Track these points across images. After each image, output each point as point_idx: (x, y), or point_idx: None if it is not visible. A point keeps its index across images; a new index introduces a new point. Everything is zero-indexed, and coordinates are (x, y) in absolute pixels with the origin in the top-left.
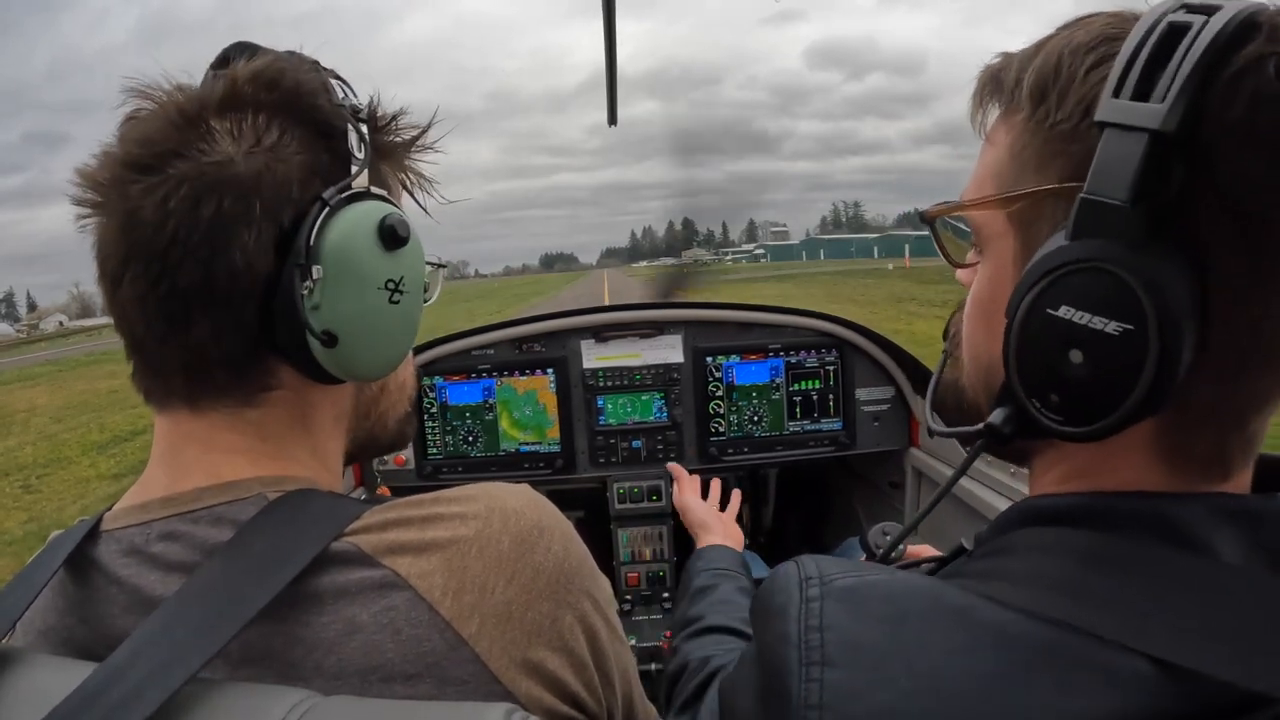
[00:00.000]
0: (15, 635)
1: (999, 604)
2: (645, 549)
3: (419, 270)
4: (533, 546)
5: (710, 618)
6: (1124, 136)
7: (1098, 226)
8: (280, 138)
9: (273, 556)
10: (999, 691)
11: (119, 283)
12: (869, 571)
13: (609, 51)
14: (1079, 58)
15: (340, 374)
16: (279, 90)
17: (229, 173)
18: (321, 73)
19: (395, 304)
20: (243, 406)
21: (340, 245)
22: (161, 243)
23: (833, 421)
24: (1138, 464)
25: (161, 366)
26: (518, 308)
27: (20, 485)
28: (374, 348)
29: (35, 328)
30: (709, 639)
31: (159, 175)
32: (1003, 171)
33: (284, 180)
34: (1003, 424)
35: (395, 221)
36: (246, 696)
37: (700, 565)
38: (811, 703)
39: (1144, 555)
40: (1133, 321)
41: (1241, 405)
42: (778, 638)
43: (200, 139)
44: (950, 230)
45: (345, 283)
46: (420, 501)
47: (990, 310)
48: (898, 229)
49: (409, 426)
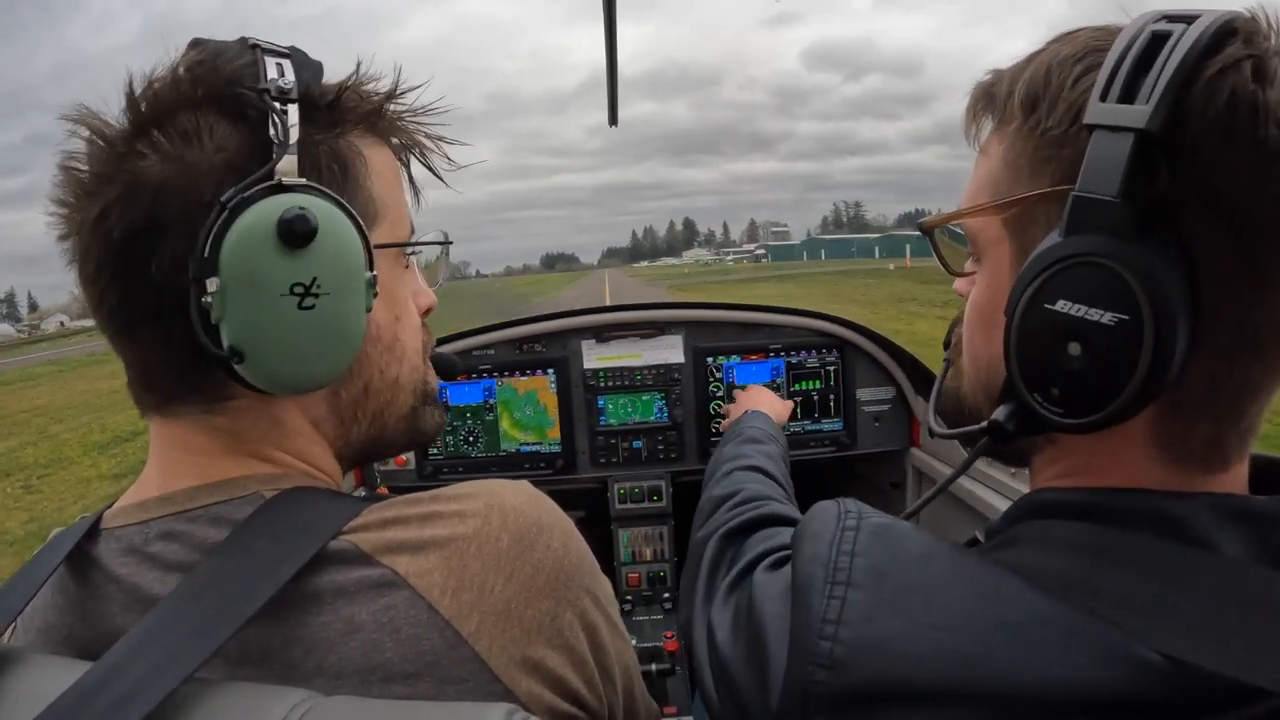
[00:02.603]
0: (16, 632)
1: (1017, 576)
2: (646, 549)
3: (345, 266)
4: (532, 544)
5: (760, 462)
6: (1112, 137)
7: (1090, 222)
8: (197, 138)
9: (271, 555)
10: (1010, 643)
11: (86, 297)
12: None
13: (609, 51)
14: (1067, 68)
15: (270, 387)
16: (201, 84)
17: (140, 188)
18: (256, 53)
19: (309, 309)
20: (208, 414)
21: (235, 252)
22: (90, 267)
23: (833, 422)
24: (1137, 459)
25: (129, 374)
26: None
27: (21, 485)
28: (293, 358)
29: (36, 328)
30: (761, 478)
31: (89, 200)
32: (997, 180)
33: (200, 183)
34: (1006, 420)
35: (292, 216)
36: (246, 697)
37: (754, 421)
38: (830, 618)
39: (1148, 549)
40: (1127, 311)
41: (1236, 393)
42: (809, 558)
43: (123, 158)
44: (948, 239)
45: (243, 293)
46: (419, 499)
47: (989, 315)
48: (899, 229)
49: (423, 423)
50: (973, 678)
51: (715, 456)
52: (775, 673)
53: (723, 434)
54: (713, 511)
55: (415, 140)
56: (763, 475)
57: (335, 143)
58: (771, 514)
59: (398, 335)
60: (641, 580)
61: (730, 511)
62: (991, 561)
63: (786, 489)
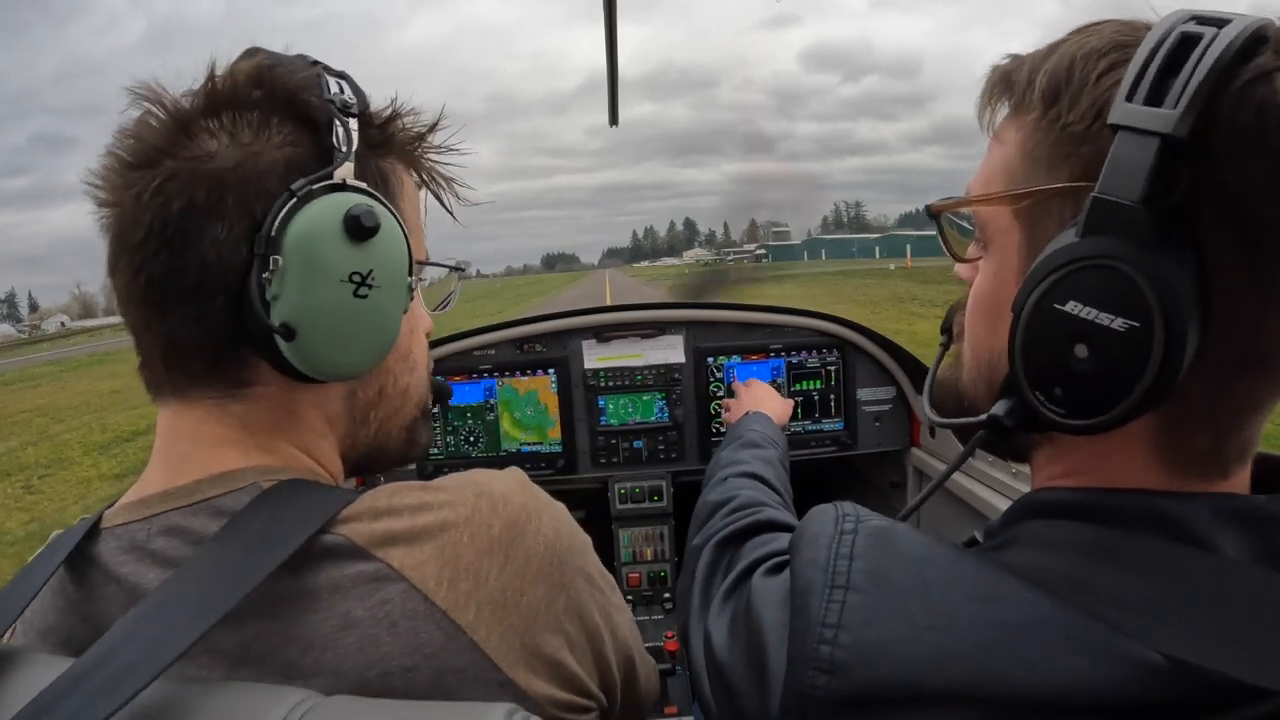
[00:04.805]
0: (15, 634)
1: (1017, 577)
2: (646, 549)
3: (396, 266)
4: (523, 530)
5: (757, 468)
6: (1136, 139)
7: (1108, 225)
8: (264, 132)
9: (261, 545)
10: (1010, 643)
11: (114, 273)
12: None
13: (610, 52)
14: (1092, 62)
15: (308, 370)
16: (268, 86)
17: (206, 167)
18: (319, 69)
19: (362, 298)
20: (226, 399)
21: (302, 235)
22: (138, 235)
23: (834, 421)
24: (1136, 462)
25: (148, 354)
26: (520, 308)
27: (22, 486)
28: (338, 342)
29: (37, 328)
30: (757, 484)
31: (146, 171)
32: (1012, 169)
33: (263, 173)
34: (1005, 415)
35: (361, 212)
36: (247, 697)
37: (754, 424)
38: (829, 622)
39: (1149, 550)
40: (1139, 319)
41: (1236, 406)
42: (808, 562)
43: (188, 137)
44: (953, 226)
45: (305, 273)
46: (410, 489)
47: (993, 305)
48: (899, 229)
49: (420, 434)
50: (973, 680)
51: (713, 461)
52: (774, 677)
53: (724, 433)
54: (708, 518)
55: (434, 177)
56: (758, 481)
57: (379, 161)
58: (767, 520)
59: (411, 348)
60: (642, 580)
61: (725, 518)
62: (991, 562)
63: (784, 494)
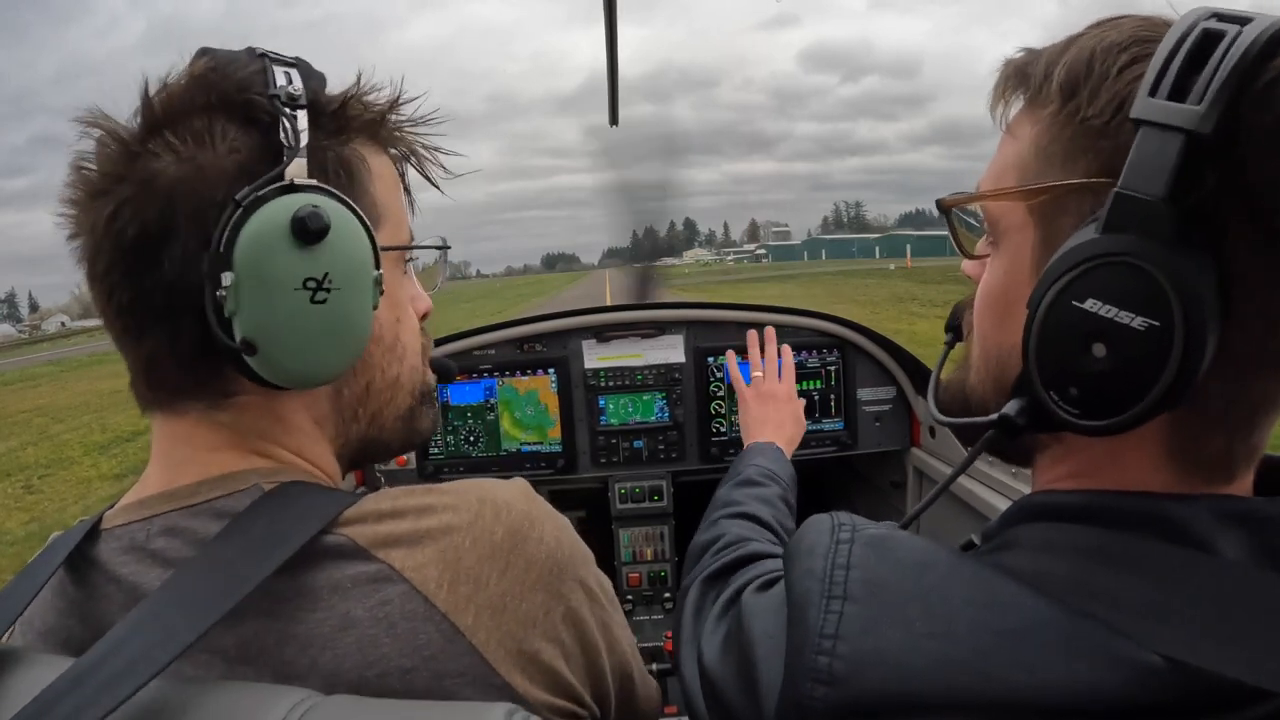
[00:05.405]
0: (15, 636)
1: (1016, 580)
2: (646, 549)
3: (355, 264)
4: (525, 537)
5: (752, 508)
6: (1160, 135)
7: (1130, 222)
8: (208, 141)
9: (262, 546)
10: (1010, 649)
11: (92, 299)
12: (899, 530)
13: (610, 52)
14: (1112, 56)
15: (280, 381)
16: (214, 90)
17: (154, 188)
18: (264, 62)
19: (320, 303)
20: (213, 410)
21: (249, 247)
22: (101, 265)
23: (834, 421)
24: (1145, 464)
25: (133, 374)
26: (520, 308)
27: (22, 486)
28: (303, 352)
29: (37, 328)
30: (747, 524)
31: (101, 200)
32: (1026, 164)
33: (212, 184)
34: (1017, 415)
35: (307, 214)
36: (247, 695)
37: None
38: (827, 632)
39: (1148, 552)
40: (1159, 318)
41: (1251, 408)
42: (805, 572)
43: (135, 159)
44: (962, 223)
45: (257, 287)
46: (413, 491)
47: (1004, 302)
48: (899, 229)
49: (420, 423)
50: (973, 686)
51: (712, 501)
52: (768, 690)
53: (724, 433)
54: (699, 558)
55: (413, 150)
56: (751, 521)
57: (340, 149)
58: (751, 553)
59: (399, 336)
60: (642, 580)
61: (713, 557)
62: (989, 566)
63: (779, 533)
